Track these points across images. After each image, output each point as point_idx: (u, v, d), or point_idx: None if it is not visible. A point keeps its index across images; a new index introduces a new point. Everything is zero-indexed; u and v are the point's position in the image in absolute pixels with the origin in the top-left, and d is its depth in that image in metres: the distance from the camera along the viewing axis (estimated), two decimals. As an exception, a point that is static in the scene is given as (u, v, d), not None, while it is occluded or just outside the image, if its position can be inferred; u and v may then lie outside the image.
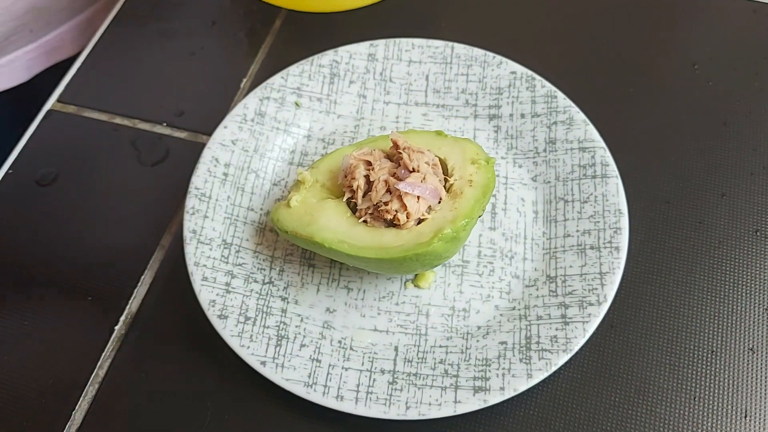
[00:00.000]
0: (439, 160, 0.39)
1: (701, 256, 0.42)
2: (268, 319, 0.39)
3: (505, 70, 0.47)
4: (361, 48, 0.48)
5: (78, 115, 0.50)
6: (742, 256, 0.42)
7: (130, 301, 0.42)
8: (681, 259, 0.42)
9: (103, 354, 0.40)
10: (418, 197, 0.36)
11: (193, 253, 0.40)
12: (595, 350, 0.39)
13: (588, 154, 0.43)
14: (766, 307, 0.40)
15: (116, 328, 0.41)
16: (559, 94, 0.45)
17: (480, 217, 0.37)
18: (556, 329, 0.37)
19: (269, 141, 0.45)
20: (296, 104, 0.47)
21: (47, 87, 0.51)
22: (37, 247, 0.44)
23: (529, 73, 0.46)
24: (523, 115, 0.45)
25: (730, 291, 0.41)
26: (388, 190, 0.37)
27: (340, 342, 0.38)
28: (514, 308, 0.39)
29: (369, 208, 0.37)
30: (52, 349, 0.40)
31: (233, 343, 0.37)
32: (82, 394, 0.38)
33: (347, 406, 0.36)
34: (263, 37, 0.53)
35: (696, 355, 0.39)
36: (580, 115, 0.44)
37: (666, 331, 0.40)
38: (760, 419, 0.37)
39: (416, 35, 0.49)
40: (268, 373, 0.36)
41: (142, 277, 0.42)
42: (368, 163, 0.38)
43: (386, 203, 0.36)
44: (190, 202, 0.42)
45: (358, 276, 0.41)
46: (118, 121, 0.50)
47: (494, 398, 0.35)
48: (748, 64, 0.50)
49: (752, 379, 0.38)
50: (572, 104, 0.45)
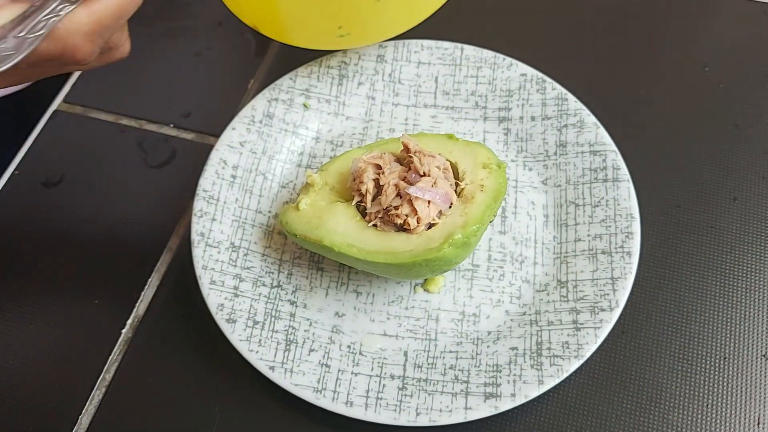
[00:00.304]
0: (450, 164, 0.38)
1: (713, 261, 0.42)
2: (277, 323, 0.38)
3: (515, 72, 0.46)
4: (370, 49, 0.48)
5: (84, 115, 0.50)
6: (755, 261, 0.41)
7: (138, 305, 0.41)
8: (693, 264, 0.42)
9: (110, 358, 0.40)
10: (429, 202, 0.35)
11: (201, 256, 0.40)
12: (607, 356, 0.39)
13: (599, 158, 0.42)
14: (779, 313, 0.40)
15: (123, 331, 0.40)
16: (570, 97, 0.45)
17: (491, 222, 0.37)
18: (568, 335, 0.37)
19: (277, 143, 0.45)
20: (305, 106, 0.46)
21: (51, 89, 0.51)
22: (43, 249, 0.44)
23: (540, 75, 0.46)
24: (533, 118, 0.45)
25: (743, 296, 0.40)
26: (399, 195, 0.36)
27: (349, 347, 0.38)
28: (524, 313, 0.39)
29: (379, 212, 0.37)
30: (59, 353, 0.40)
31: (242, 348, 0.37)
32: (89, 398, 0.38)
33: (357, 412, 0.35)
34: (263, 36, 0.53)
35: (708, 362, 0.38)
36: (591, 118, 0.44)
37: (678, 337, 0.39)
38: (774, 427, 0.37)
39: (425, 36, 0.48)
40: (277, 378, 0.36)
41: (150, 280, 0.42)
42: (378, 167, 0.38)
43: (396, 207, 0.36)
44: (198, 205, 0.41)
45: (367, 280, 0.41)
46: (125, 122, 0.49)
47: (505, 405, 0.35)
48: (759, 66, 0.50)
49: (765, 385, 0.38)
50: (583, 107, 0.44)
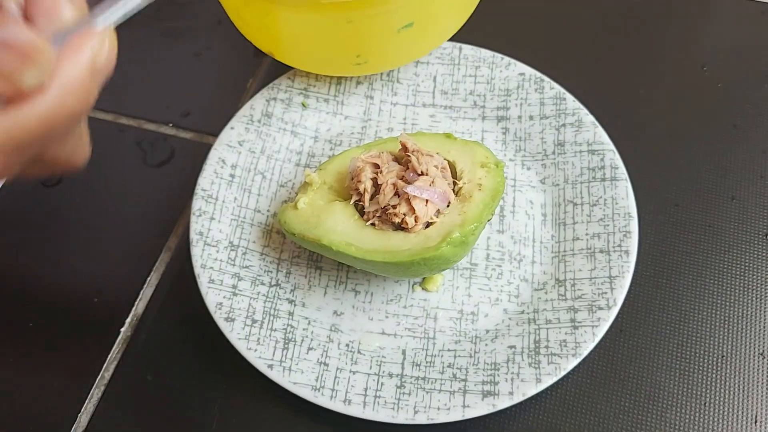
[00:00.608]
0: (448, 163, 0.39)
1: (711, 260, 0.42)
2: (276, 321, 0.38)
3: (514, 71, 0.46)
4: (369, 49, 0.48)
5: (83, 115, 0.50)
6: (753, 260, 0.42)
7: (136, 303, 0.41)
8: (691, 263, 0.42)
9: (109, 356, 0.40)
10: (427, 201, 0.36)
11: (199, 255, 0.40)
12: (605, 355, 0.39)
13: (597, 157, 0.42)
14: (776, 312, 0.40)
15: (122, 330, 0.41)
16: (568, 96, 0.45)
17: (489, 220, 0.37)
18: (566, 333, 0.37)
19: (276, 142, 0.45)
20: (303, 105, 0.46)
21: None
22: (41, 248, 0.44)
23: (538, 74, 0.46)
24: (531, 117, 0.45)
25: (741, 295, 0.40)
26: (396, 194, 0.36)
27: (347, 345, 0.38)
28: (522, 312, 0.39)
29: (377, 211, 0.37)
30: (58, 351, 0.40)
31: (240, 346, 0.37)
32: (88, 397, 0.38)
33: (355, 410, 0.35)
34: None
35: (706, 360, 0.39)
36: (589, 117, 0.44)
37: (676, 336, 0.39)
38: (771, 425, 0.37)
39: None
40: (276, 376, 0.36)
41: (148, 278, 0.42)
42: (376, 166, 0.38)
43: (394, 206, 0.36)
44: (197, 204, 0.41)
45: (366, 279, 0.41)
46: (124, 121, 0.49)
47: (503, 403, 0.35)
48: (758, 66, 0.50)
49: (763, 384, 0.38)
50: (581, 106, 0.44)
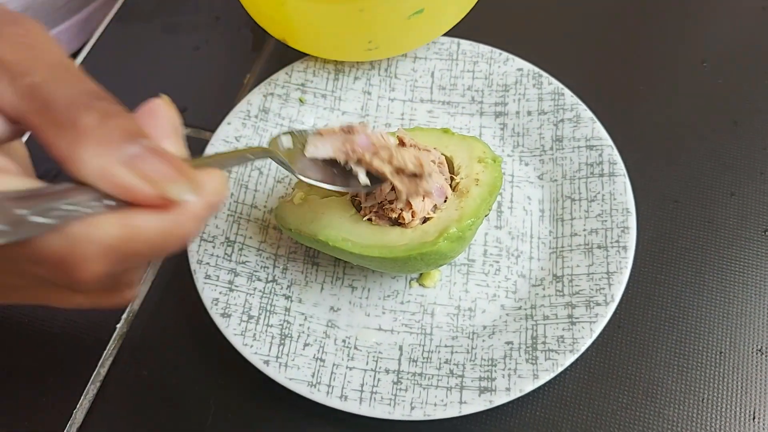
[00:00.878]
0: (445, 158, 0.38)
1: (710, 256, 0.41)
2: (272, 317, 0.38)
3: (512, 66, 0.46)
4: (366, 44, 0.48)
5: (80, 110, 0.50)
6: (752, 257, 0.41)
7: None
8: (689, 259, 0.41)
9: (105, 352, 0.39)
10: (424, 196, 0.35)
11: (196, 251, 0.40)
12: (602, 351, 0.39)
13: (595, 152, 0.42)
14: (775, 308, 0.40)
15: (118, 326, 0.40)
16: (566, 92, 0.45)
17: (486, 216, 0.37)
18: (563, 329, 0.37)
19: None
20: (300, 101, 0.46)
21: None
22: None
23: (536, 70, 0.46)
24: (529, 113, 0.45)
25: (739, 292, 0.40)
26: (393, 189, 0.36)
27: (344, 341, 0.38)
28: (520, 308, 0.39)
29: (374, 206, 0.36)
30: (53, 347, 0.40)
31: (236, 342, 0.37)
32: (84, 393, 0.38)
33: (351, 406, 0.35)
34: (268, 33, 0.52)
35: (704, 356, 0.38)
36: (587, 113, 0.44)
37: (674, 332, 0.39)
38: (770, 421, 0.36)
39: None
40: (272, 372, 0.36)
41: (145, 274, 0.42)
42: None
43: (391, 202, 0.36)
44: (193, 199, 0.41)
45: (363, 275, 0.41)
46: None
47: (500, 399, 0.35)
48: (758, 62, 0.49)
49: (761, 380, 0.38)
50: (579, 102, 0.44)
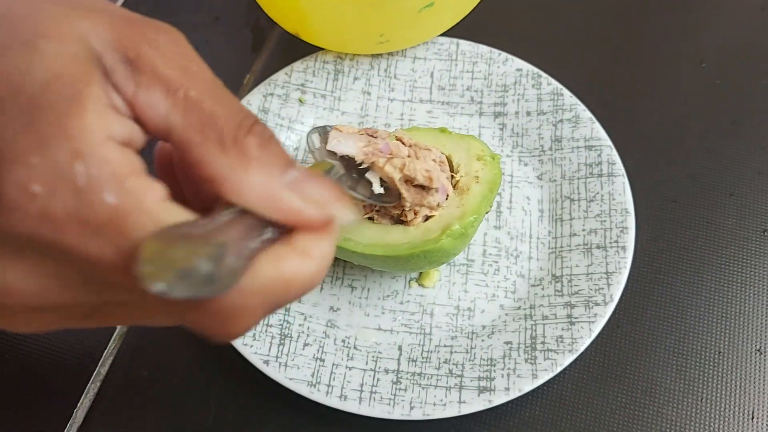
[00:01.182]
0: (446, 157, 0.38)
1: (709, 256, 0.42)
2: (272, 317, 0.38)
3: (511, 67, 0.46)
4: (366, 44, 0.48)
5: (80, 111, 0.50)
6: (750, 257, 0.41)
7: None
8: (688, 259, 0.42)
9: (105, 352, 0.40)
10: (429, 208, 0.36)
11: (196, 251, 0.40)
12: (601, 350, 0.39)
13: (594, 153, 0.42)
14: (774, 308, 0.40)
15: (118, 326, 0.41)
16: (566, 92, 0.45)
17: (487, 213, 0.37)
18: (562, 329, 0.37)
19: (273, 138, 0.45)
20: (300, 101, 0.46)
21: None
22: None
23: (535, 70, 0.46)
24: (528, 113, 0.45)
25: (738, 291, 0.40)
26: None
27: (343, 341, 0.38)
28: (519, 308, 0.39)
29: (375, 204, 0.37)
30: (54, 347, 0.40)
31: (236, 342, 0.37)
32: (84, 392, 0.38)
33: (351, 406, 0.35)
34: (268, 33, 0.53)
35: (703, 356, 0.38)
36: (586, 113, 0.44)
37: (673, 332, 0.39)
38: (767, 421, 0.37)
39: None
40: (272, 372, 0.36)
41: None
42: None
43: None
44: (193, 200, 0.41)
45: (362, 274, 0.41)
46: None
47: (499, 398, 0.35)
48: (757, 62, 0.50)
49: (759, 380, 0.38)
50: (578, 102, 0.44)
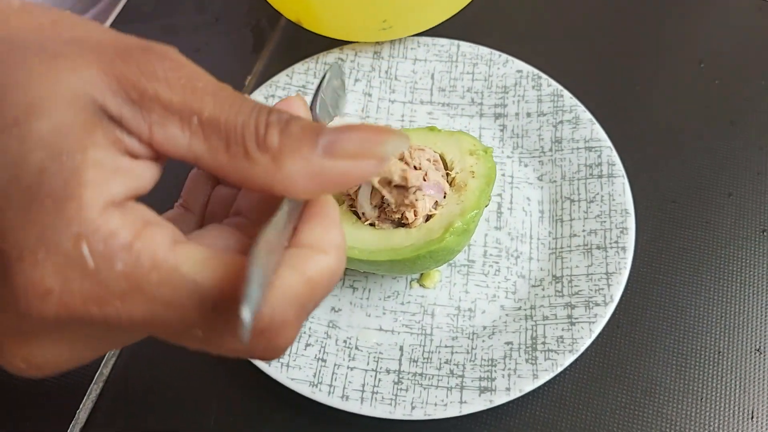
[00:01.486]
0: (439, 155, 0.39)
1: (708, 256, 0.42)
2: (273, 318, 0.38)
3: (511, 68, 0.47)
4: (367, 46, 0.48)
5: (82, 112, 0.50)
6: (749, 256, 0.42)
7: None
8: (687, 259, 0.42)
9: (108, 352, 0.40)
10: (424, 194, 0.36)
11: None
12: (602, 351, 0.39)
13: (594, 154, 0.43)
14: (773, 308, 0.40)
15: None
16: (566, 93, 0.45)
17: (486, 206, 0.37)
18: (562, 329, 0.37)
19: (274, 139, 0.45)
20: (301, 102, 0.46)
21: None
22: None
23: (535, 71, 0.46)
24: (529, 114, 0.45)
25: (737, 291, 0.41)
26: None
27: (345, 341, 0.38)
28: (519, 308, 0.39)
29: (375, 209, 0.37)
30: (57, 348, 0.40)
31: (238, 343, 0.37)
32: (87, 393, 0.38)
33: (352, 406, 0.35)
34: (268, 34, 0.53)
35: (703, 356, 0.39)
36: (586, 114, 0.44)
37: (672, 332, 0.39)
38: (767, 420, 0.37)
39: (422, 33, 0.48)
40: (273, 372, 0.36)
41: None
42: None
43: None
44: (195, 201, 0.41)
45: (363, 275, 0.41)
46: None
47: (500, 399, 0.35)
48: (755, 62, 0.50)
49: (759, 380, 0.38)
50: (578, 103, 0.44)
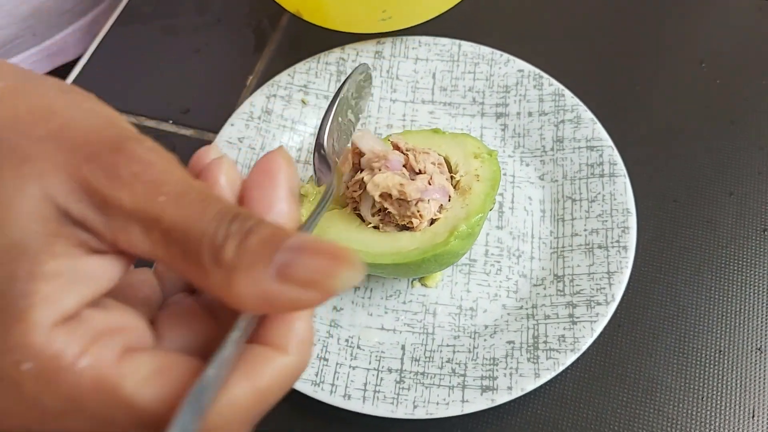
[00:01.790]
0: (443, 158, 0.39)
1: (709, 256, 0.42)
2: (276, 317, 0.38)
3: (513, 68, 0.47)
4: (368, 45, 0.48)
5: (84, 112, 0.50)
6: (750, 256, 0.42)
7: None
8: (689, 259, 0.42)
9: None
10: (429, 199, 0.36)
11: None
12: (603, 350, 0.39)
13: (596, 153, 0.43)
14: (774, 307, 0.40)
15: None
16: (567, 93, 0.45)
17: (491, 209, 0.37)
18: (564, 328, 0.37)
19: (276, 139, 0.45)
20: (303, 102, 0.46)
21: None
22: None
23: (537, 71, 0.46)
24: (530, 114, 0.45)
25: (738, 290, 0.41)
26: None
27: (347, 341, 0.38)
28: (521, 307, 0.39)
29: (379, 212, 0.37)
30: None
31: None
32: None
33: (354, 405, 0.36)
34: (270, 34, 0.53)
35: (704, 355, 0.39)
36: (587, 114, 0.44)
37: (674, 331, 0.39)
38: (767, 419, 0.37)
39: (423, 33, 0.48)
40: (276, 371, 0.36)
41: (149, 274, 0.42)
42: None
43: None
44: (197, 200, 0.41)
45: (365, 275, 0.41)
46: (124, 117, 0.49)
47: (502, 398, 0.35)
48: (756, 62, 0.50)
49: (760, 378, 0.38)
50: (580, 102, 0.45)
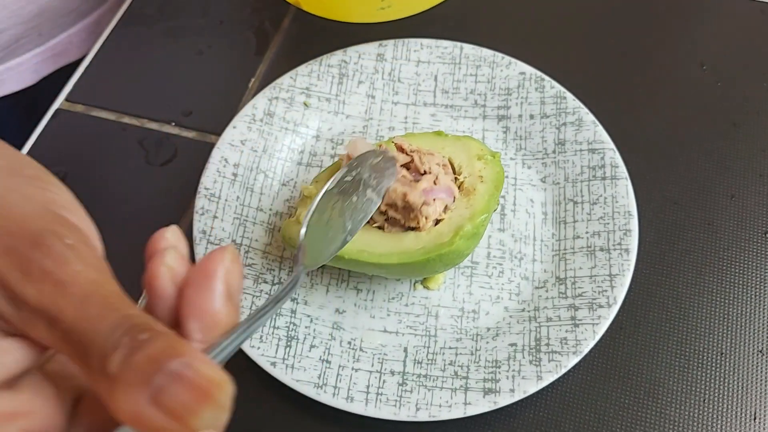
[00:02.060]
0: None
1: (710, 258, 0.42)
2: (278, 320, 0.39)
3: (514, 70, 0.47)
4: (370, 48, 0.48)
5: (86, 114, 0.50)
6: (752, 258, 0.42)
7: (140, 303, 0.42)
8: (690, 261, 0.42)
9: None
10: (434, 198, 0.36)
11: (202, 254, 0.40)
12: (605, 352, 0.39)
13: (597, 156, 0.43)
14: (775, 310, 0.40)
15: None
16: (569, 95, 0.45)
17: (495, 210, 0.38)
18: (566, 331, 0.37)
19: (278, 141, 0.45)
20: (305, 104, 0.47)
21: (53, 90, 0.51)
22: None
23: (538, 73, 0.46)
24: (532, 116, 0.45)
25: (740, 293, 0.41)
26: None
27: (349, 343, 0.39)
28: (523, 310, 0.39)
29: (383, 213, 0.37)
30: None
31: (244, 344, 0.37)
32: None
33: (357, 408, 0.36)
34: (272, 37, 0.53)
35: (705, 357, 0.39)
36: (589, 117, 0.44)
37: (675, 333, 0.40)
38: (770, 422, 0.37)
39: (425, 35, 0.48)
40: (278, 374, 0.36)
41: None
42: None
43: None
44: (200, 203, 0.42)
45: (367, 277, 0.41)
46: (126, 120, 0.50)
47: (504, 400, 0.35)
48: (757, 65, 0.50)
49: (762, 381, 0.38)
50: (581, 105, 0.45)
